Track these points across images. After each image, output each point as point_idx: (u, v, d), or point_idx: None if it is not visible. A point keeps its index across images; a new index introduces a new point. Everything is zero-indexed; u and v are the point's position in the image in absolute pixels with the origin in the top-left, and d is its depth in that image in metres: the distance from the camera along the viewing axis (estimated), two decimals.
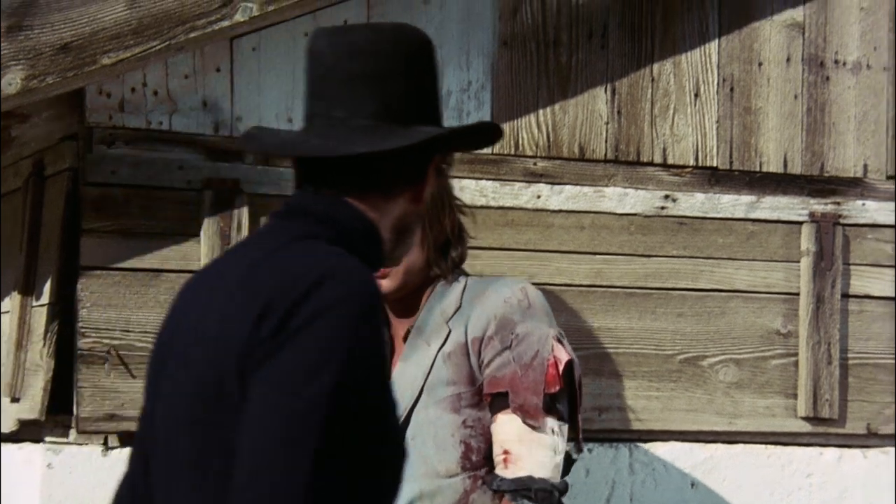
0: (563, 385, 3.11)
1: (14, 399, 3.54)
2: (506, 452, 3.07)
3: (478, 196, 3.65)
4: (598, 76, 3.76)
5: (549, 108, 3.72)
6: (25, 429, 3.57)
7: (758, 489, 3.84)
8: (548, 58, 3.73)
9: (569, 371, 3.13)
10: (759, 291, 3.88)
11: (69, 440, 3.45)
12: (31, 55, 3.20)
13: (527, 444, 3.06)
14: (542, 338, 3.12)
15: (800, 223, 3.92)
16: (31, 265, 3.56)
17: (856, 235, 3.98)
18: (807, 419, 3.89)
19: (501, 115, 3.68)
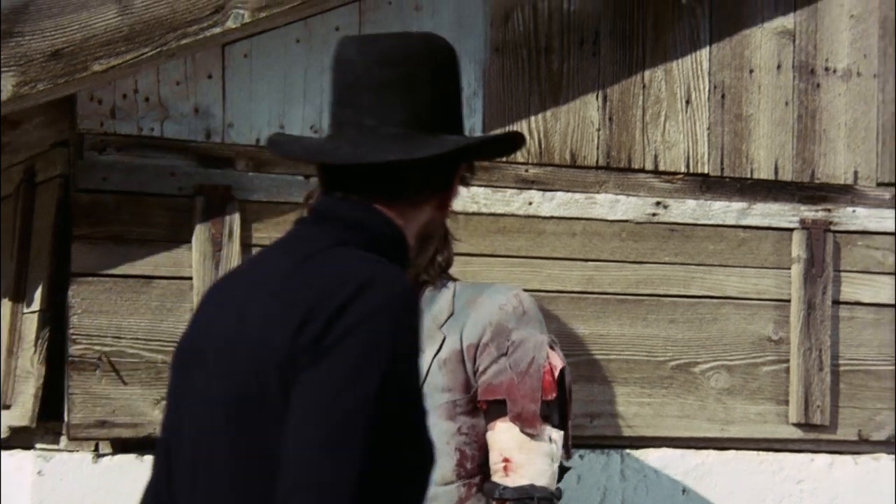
0: (557, 392, 3.11)
1: (5, 406, 3.53)
2: (506, 460, 3.07)
3: (469, 203, 3.65)
4: (590, 83, 3.77)
5: (541, 115, 3.72)
6: (16, 436, 3.56)
7: (749, 496, 3.84)
8: (539, 65, 3.73)
9: (560, 377, 3.14)
10: (751, 298, 3.88)
11: (60, 447, 3.44)
12: (22, 62, 3.19)
13: (526, 453, 3.06)
14: (538, 344, 3.12)
15: (790, 230, 3.93)
16: (22, 272, 3.55)
17: (846, 242, 3.98)
18: (798, 425, 3.89)
19: (493, 122, 3.68)
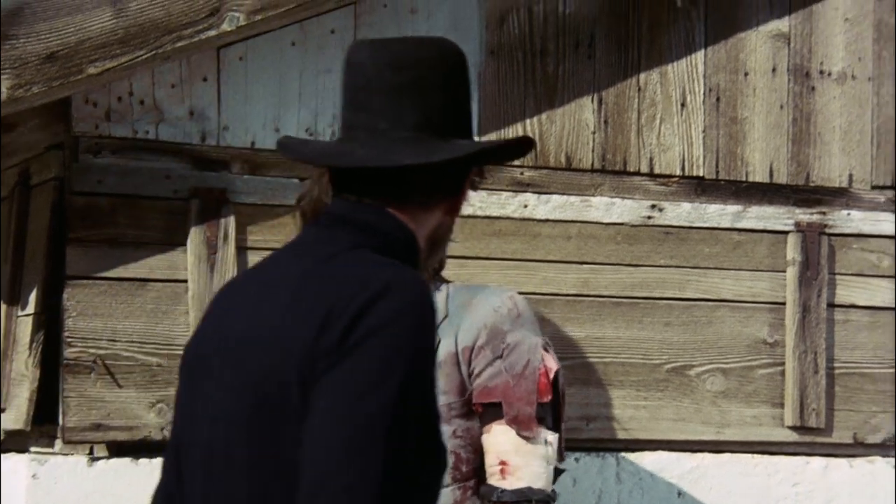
0: (552, 394, 3.12)
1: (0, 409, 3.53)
2: (503, 463, 3.07)
3: (465, 205, 3.64)
4: (585, 86, 3.77)
5: (536, 118, 3.73)
6: (10, 439, 3.55)
7: (744, 498, 3.84)
8: (534, 67, 3.73)
9: (555, 380, 3.14)
10: (746, 301, 3.88)
11: (55, 450, 3.43)
12: (17, 64, 3.19)
13: (523, 455, 3.06)
14: (532, 347, 3.12)
15: (786, 233, 3.93)
16: (17, 275, 3.55)
17: (841, 245, 3.99)
18: (793, 428, 3.89)
19: (488, 125, 3.68)
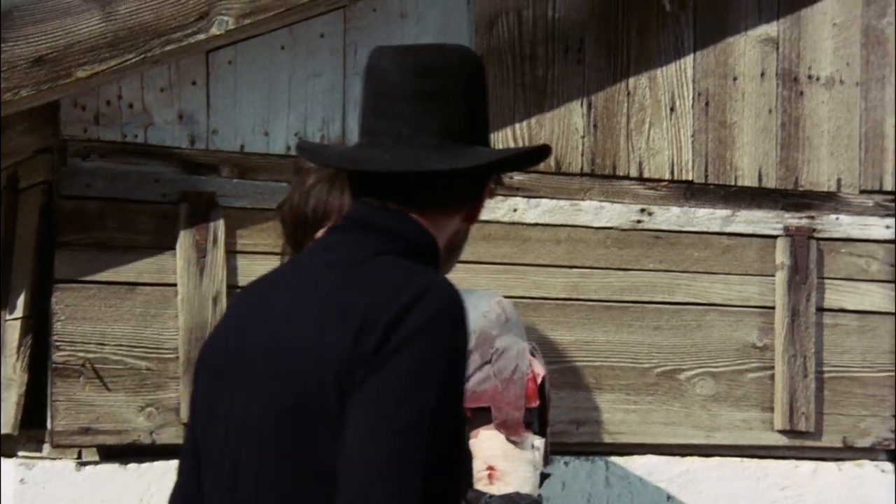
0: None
1: None
2: (490, 468, 3.07)
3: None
4: (575, 90, 3.77)
5: (526, 122, 3.73)
6: None
7: (734, 502, 3.84)
8: (524, 72, 3.73)
9: (541, 385, 3.14)
10: (735, 305, 3.89)
11: (43, 455, 3.42)
12: (5, 67, 3.18)
13: (511, 461, 3.06)
14: (520, 352, 3.12)
15: (775, 237, 3.94)
16: (5, 278, 3.54)
17: (830, 249, 3.99)
18: (783, 432, 3.90)
19: None
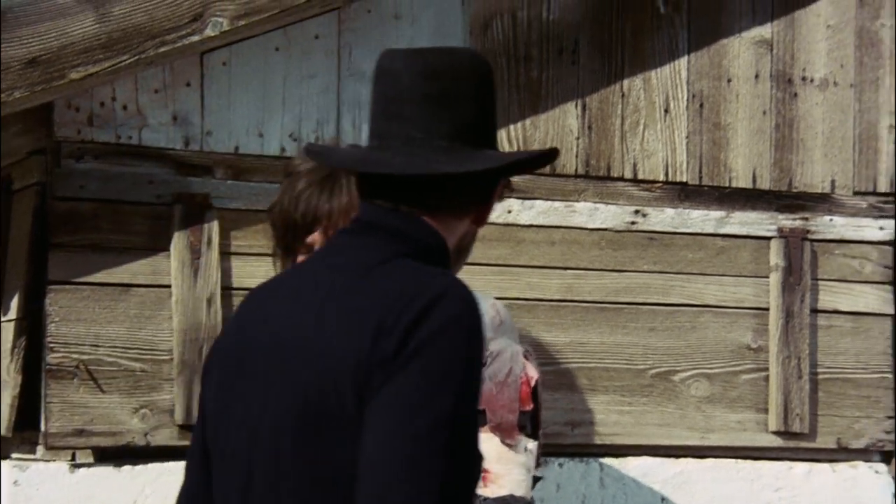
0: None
1: None
2: (484, 471, 3.06)
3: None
4: (569, 92, 3.77)
5: (521, 124, 3.73)
6: None
7: (728, 503, 3.84)
8: (518, 73, 3.73)
9: (534, 388, 3.14)
10: (730, 306, 3.89)
11: (36, 457, 3.41)
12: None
13: (505, 463, 3.06)
14: (514, 355, 3.12)
15: (769, 238, 3.94)
16: None
17: (824, 251, 4.00)
18: (778, 434, 3.90)
19: None
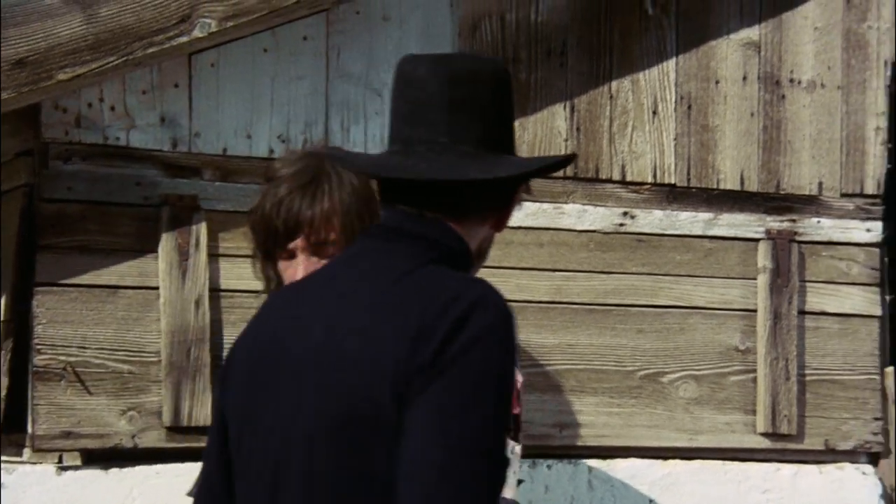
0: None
1: None
2: None
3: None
4: (557, 94, 3.77)
5: None
6: None
7: None
8: None
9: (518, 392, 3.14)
10: (718, 308, 3.89)
11: (23, 459, 3.40)
12: None
13: None
14: None
15: (756, 240, 3.95)
16: None
17: (811, 253, 4.00)
18: (766, 435, 3.90)
19: None
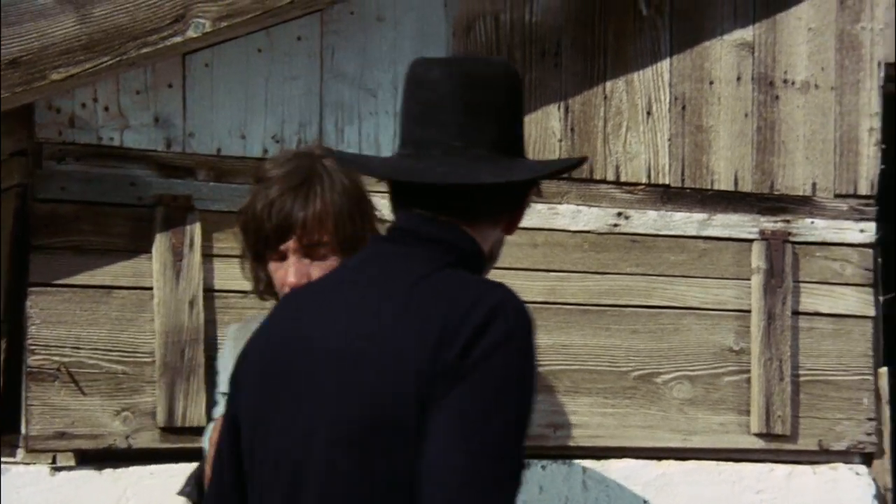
0: None
1: None
2: None
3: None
4: (552, 94, 3.77)
5: None
6: None
7: None
8: None
9: None
10: (712, 309, 3.90)
11: (17, 459, 3.40)
12: None
13: None
14: None
15: (750, 241, 3.95)
16: None
17: (805, 253, 4.01)
18: (760, 436, 3.91)
19: None
